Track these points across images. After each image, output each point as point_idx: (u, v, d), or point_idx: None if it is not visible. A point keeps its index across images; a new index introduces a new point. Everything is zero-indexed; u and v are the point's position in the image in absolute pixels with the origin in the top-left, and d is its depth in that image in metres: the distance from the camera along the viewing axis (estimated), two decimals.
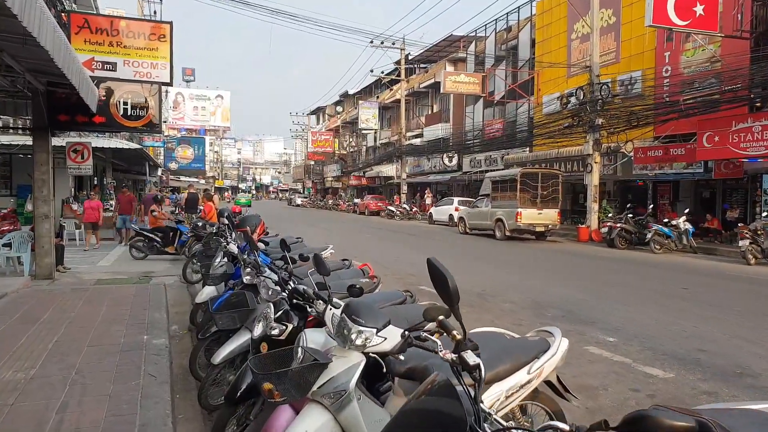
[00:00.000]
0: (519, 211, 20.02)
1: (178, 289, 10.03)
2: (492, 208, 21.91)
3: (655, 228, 16.96)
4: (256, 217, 5.84)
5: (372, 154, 53.20)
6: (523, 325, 6.98)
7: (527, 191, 20.58)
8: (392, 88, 47.40)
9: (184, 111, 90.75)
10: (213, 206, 12.52)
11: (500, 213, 21.08)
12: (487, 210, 22.24)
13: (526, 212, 20.07)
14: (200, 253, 10.49)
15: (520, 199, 20.31)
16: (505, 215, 20.72)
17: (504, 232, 20.70)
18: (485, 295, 9.08)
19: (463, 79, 29.31)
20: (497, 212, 21.32)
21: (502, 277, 11.42)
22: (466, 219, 23.85)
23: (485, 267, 13.07)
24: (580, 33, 25.73)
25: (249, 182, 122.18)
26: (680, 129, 19.46)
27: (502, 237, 20.76)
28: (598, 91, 20.37)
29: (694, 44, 19.98)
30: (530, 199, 20.49)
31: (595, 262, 14.39)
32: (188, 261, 10.47)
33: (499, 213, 21.13)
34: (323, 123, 71.70)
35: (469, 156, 34.42)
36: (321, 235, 21.33)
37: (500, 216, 21.00)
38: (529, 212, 20.14)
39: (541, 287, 10.01)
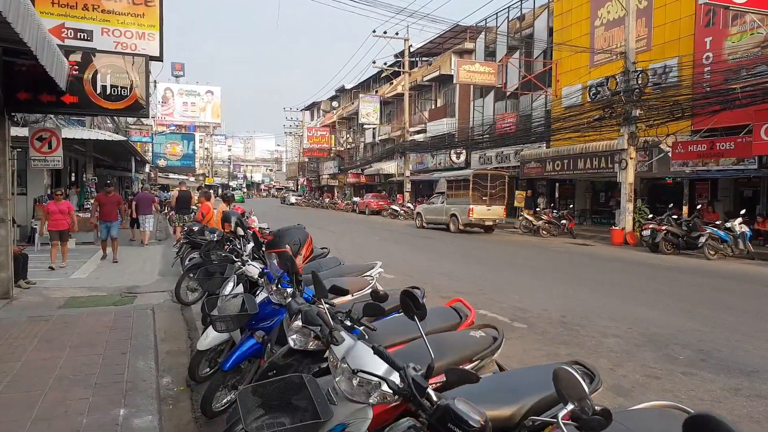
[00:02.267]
0: (471, 208, 22.50)
1: (170, 313, 7.97)
2: (447, 205, 24.27)
3: (710, 231, 15.06)
4: (300, 230, 3.76)
5: (371, 151, 51.11)
6: (662, 378, 4.99)
7: (478, 190, 23.07)
8: (392, 82, 45.36)
9: (173, 106, 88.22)
10: (211, 207, 10.42)
11: (454, 209, 23.47)
12: (443, 206, 24.56)
13: (477, 208, 22.59)
14: (197, 266, 8.46)
15: (472, 197, 22.78)
16: (458, 211, 23.15)
17: (458, 225, 23.14)
18: (570, 323, 7.06)
19: (477, 69, 27.30)
20: (452, 208, 23.67)
21: (567, 294, 9.41)
22: (423, 214, 26.14)
23: (530, 279, 11.06)
24: (605, 19, 23.81)
25: (240, 180, 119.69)
26: (724, 122, 17.60)
27: (455, 230, 23.20)
28: (634, 80, 18.43)
29: (742, 28, 18.10)
30: (480, 197, 22.95)
31: (655, 272, 12.41)
32: (183, 276, 8.39)
33: (453, 209, 23.52)
34: (318, 119, 69.49)
35: (478, 152, 32.44)
36: (329, 239, 19.24)
37: (454, 212, 23.42)
38: (479, 208, 22.65)
39: (630, 310, 7.99)
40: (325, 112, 67.10)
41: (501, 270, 12.24)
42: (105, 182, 12.65)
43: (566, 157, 23.71)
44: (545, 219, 22.11)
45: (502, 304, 8.22)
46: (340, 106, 61.68)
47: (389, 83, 46.86)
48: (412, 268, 11.95)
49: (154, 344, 6.00)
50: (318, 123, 66.36)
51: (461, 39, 38.55)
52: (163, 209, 27.07)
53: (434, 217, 25.17)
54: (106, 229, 12.52)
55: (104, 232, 12.58)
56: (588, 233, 22.31)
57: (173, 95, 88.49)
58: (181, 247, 10.69)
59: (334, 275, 5.64)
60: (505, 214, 23.93)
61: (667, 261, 14.45)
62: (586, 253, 16.11)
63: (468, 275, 11.16)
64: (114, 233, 12.50)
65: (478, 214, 22.59)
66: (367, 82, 52.20)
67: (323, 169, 63.12)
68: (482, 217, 22.70)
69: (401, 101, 43.29)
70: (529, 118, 27.92)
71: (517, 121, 29.15)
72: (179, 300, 8.32)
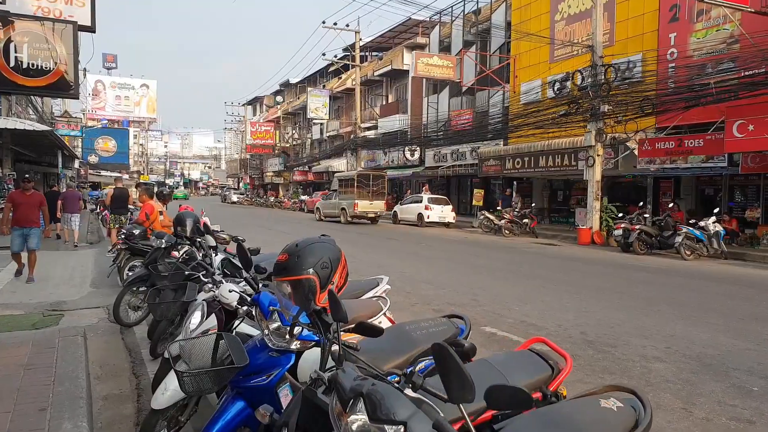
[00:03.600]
0: (356, 203, 26.30)
1: (107, 338, 6.45)
2: (338, 200, 28.31)
3: (686, 231, 14.52)
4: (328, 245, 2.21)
5: (318, 148, 49.49)
6: (755, 422, 3.95)
7: (362, 187, 26.93)
8: (341, 77, 43.96)
9: (105, 100, 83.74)
10: (155, 207, 8.83)
11: (344, 203, 27.34)
12: (336, 201, 28.60)
13: (361, 203, 26.40)
14: (141, 278, 6.93)
15: (357, 194, 26.64)
16: (347, 205, 26.92)
17: (346, 217, 26.86)
18: (597, 343, 5.97)
19: (436, 62, 26.29)
20: (342, 203, 27.61)
21: (573, 304, 8.39)
22: (321, 209, 30.15)
23: (522, 286, 10.03)
24: (566, 13, 23.29)
25: (177, 177, 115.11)
26: (689, 119, 17.23)
27: (345, 221, 26.82)
28: (602, 74, 17.83)
29: (707, 23, 17.79)
30: (365, 194, 26.80)
31: (647, 276, 11.63)
32: (124, 290, 6.83)
33: (343, 204, 27.39)
34: (261, 114, 67.15)
35: (432, 150, 31.51)
36: (280, 241, 17.77)
37: (344, 206, 27.26)
38: (363, 203, 26.47)
39: (654, 324, 6.99)
40: (268, 107, 64.87)
41: (483, 275, 11.16)
42: (23, 177, 10.45)
43: (527, 154, 23.04)
44: (507, 218, 21.33)
45: (506, 318, 7.09)
46: (284, 101, 59.70)
47: (338, 78, 45.41)
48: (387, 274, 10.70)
49: (87, 390, 4.51)
50: (261, 118, 64.03)
51: (413, 33, 37.65)
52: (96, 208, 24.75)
53: (329, 211, 29.08)
54: (22, 238, 9.54)
55: (18, 242, 9.55)
56: (549, 232, 21.70)
57: (105, 88, 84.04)
58: (118, 254, 9.06)
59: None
60: (386, 208, 28.01)
61: (645, 261, 13.80)
62: (560, 255, 15.30)
63: (452, 281, 10.01)
64: (33, 244, 9.53)
65: (362, 208, 26.42)
66: (314, 76, 50.54)
67: (267, 166, 60.89)
68: (366, 210, 26.57)
69: (350, 96, 41.94)
70: (486, 115, 27.19)
71: (474, 118, 28.39)
72: (118, 320, 6.76)
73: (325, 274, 2.23)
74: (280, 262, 2.26)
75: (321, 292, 2.22)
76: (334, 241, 2.41)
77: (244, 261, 3.17)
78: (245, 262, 3.17)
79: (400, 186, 39.98)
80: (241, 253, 3.17)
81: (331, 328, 2.30)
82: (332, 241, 2.39)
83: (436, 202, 25.79)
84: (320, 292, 2.22)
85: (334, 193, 29.94)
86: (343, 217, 27.15)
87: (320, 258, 2.24)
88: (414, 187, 35.51)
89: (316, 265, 2.22)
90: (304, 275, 2.19)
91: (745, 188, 18.56)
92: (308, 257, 2.23)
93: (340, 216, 27.36)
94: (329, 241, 2.37)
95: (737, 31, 16.59)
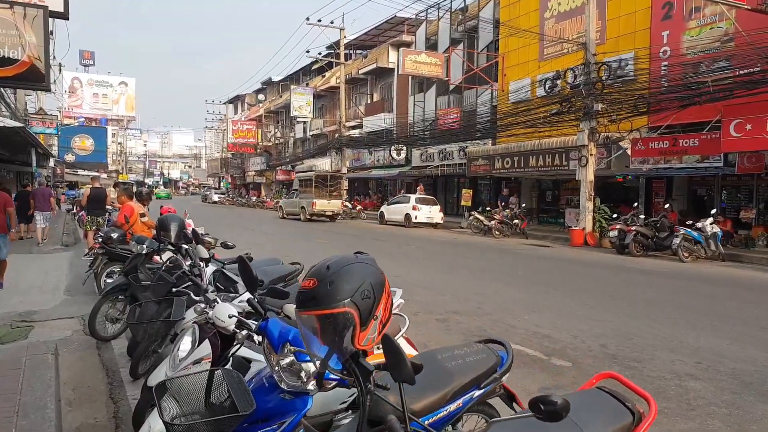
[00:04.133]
0: (314, 201, 27.84)
1: (81, 354, 5.84)
2: (299, 199, 29.83)
3: (684, 232, 14.20)
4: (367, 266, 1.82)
5: (301, 147, 48.75)
6: None
7: (321, 187, 29.08)
8: (325, 75, 43.30)
9: (82, 97, 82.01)
10: (135, 209, 8.18)
11: (303, 202, 28.76)
12: (297, 200, 30.10)
13: (319, 202, 27.91)
14: (120, 287, 6.32)
15: (315, 193, 28.74)
16: (306, 204, 28.29)
17: (306, 215, 28.05)
18: (621, 358, 5.49)
19: (424, 60, 25.76)
20: (302, 202, 29.08)
21: (584, 312, 7.94)
22: (284, 207, 31.70)
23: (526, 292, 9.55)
24: (556, 11, 22.96)
25: (157, 177, 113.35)
26: (682, 118, 16.95)
27: (304, 219, 28.01)
28: (596, 72, 17.48)
29: (701, 22, 17.54)
30: (323, 193, 28.83)
31: (650, 279, 11.25)
32: (101, 301, 6.20)
33: (303, 202, 28.81)
34: (242, 113, 66.13)
35: (419, 149, 31.03)
36: (265, 242, 17.20)
37: (303, 204, 28.63)
38: (321, 201, 27.98)
39: (677, 335, 6.51)
40: (250, 106, 63.90)
41: (481, 278, 10.69)
42: None
43: (517, 154, 22.65)
44: (497, 219, 20.92)
45: (517, 329, 6.60)
46: (266, 99, 58.82)
47: (321, 76, 44.74)
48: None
49: (56, 421, 3.91)
50: (243, 117, 63.04)
51: (399, 31, 37.13)
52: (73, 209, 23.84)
53: (291, 209, 30.48)
54: None
55: None
56: (539, 233, 21.33)
57: (82, 85, 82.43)
58: (95, 259, 8.40)
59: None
60: (342, 207, 29.46)
61: (643, 264, 13.44)
62: (555, 257, 14.90)
63: (450, 286, 9.50)
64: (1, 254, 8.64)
65: (320, 206, 27.78)
66: (297, 74, 49.76)
67: (249, 166, 59.94)
68: (324, 208, 27.91)
69: (334, 95, 41.31)
70: (474, 114, 26.77)
71: (462, 117, 27.96)
72: (94, 334, 6.14)
73: (367, 305, 1.69)
74: (306, 290, 1.71)
75: (361, 330, 1.69)
76: (374, 259, 1.87)
77: (249, 280, 2.61)
78: (249, 282, 2.61)
79: (386, 186, 39.50)
80: (245, 272, 2.61)
81: (372, 378, 1.77)
82: (372, 260, 1.85)
83: (424, 202, 25.32)
84: (360, 330, 1.68)
85: (296, 192, 31.94)
86: (302, 215, 28.40)
87: (360, 284, 1.70)
88: (402, 187, 35.02)
89: (355, 295, 1.67)
90: (339, 308, 1.65)
91: (738, 189, 18.36)
92: (344, 283, 1.68)
93: (300, 214, 28.68)
94: (368, 260, 1.83)
95: (732, 29, 16.34)
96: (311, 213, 27.71)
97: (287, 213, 30.85)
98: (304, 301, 1.72)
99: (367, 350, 1.75)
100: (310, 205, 27.83)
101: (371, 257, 1.87)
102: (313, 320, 1.73)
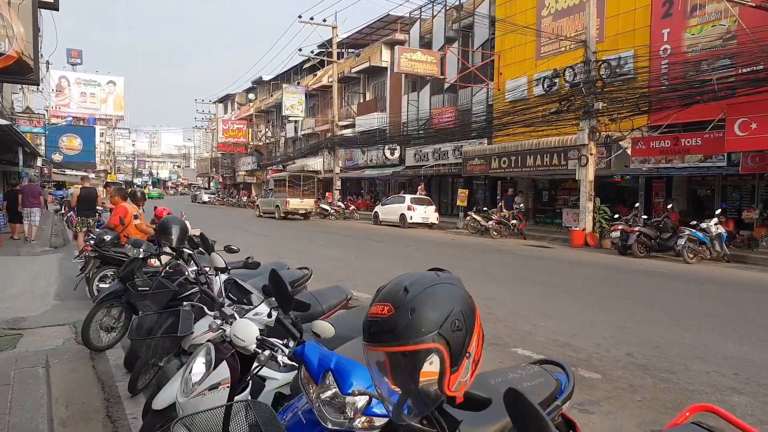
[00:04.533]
0: (288, 200, 29.29)
1: (75, 366, 5.44)
2: (274, 198, 31.19)
3: (688, 233, 13.96)
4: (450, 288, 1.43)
5: (293, 147, 48.26)
6: None
7: (293, 187, 31.13)
8: (317, 73, 42.85)
9: (69, 96, 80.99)
10: (129, 210, 7.75)
11: (278, 201, 30.02)
12: (272, 199, 31.28)
13: (292, 201, 29.41)
14: (115, 294, 5.91)
15: (288, 193, 30.44)
16: (280, 203, 29.63)
17: (280, 213, 29.43)
18: (652, 368, 5.15)
19: (419, 57, 25.42)
20: (276, 201, 30.36)
21: (603, 318, 7.63)
22: (261, 206, 32.94)
23: (537, 296, 9.24)
24: (554, 8, 22.71)
25: (145, 177, 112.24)
26: (683, 117, 16.74)
27: (279, 217, 29.33)
28: (596, 70, 17.24)
29: (702, 19, 17.34)
30: (296, 193, 30.63)
31: (654, 281, 10.99)
32: (95, 308, 5.79)
33: (277, 201, 30.14)
34: (232, 112, 65.48)
35: (413, 148, 30.69)
36: (260, 243, 16.79)
37: (278, 203, 29.91)
38: (294, 201, 29.52)
39: (705, 342, 6.19)
40: (240, 105, 63.26)
41: (487, 282, 10.36)
42: None
43: (514, 153, 22.37)
44: (495, 219, 20.63)
45: (536, 336, 6.27)
46: (257, 98, 58.25)
47: (313, 75, 44.28)
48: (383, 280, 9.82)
49: None
50: (233, 116, 62.39)
51: (392, 30, 36.77)
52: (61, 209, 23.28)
53: (266, 208, 31.62)
54: None
55: None
56: (537, 233, 21.07)
57: (69, 84, 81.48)
58: (87, 262, 7.98)
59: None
60: (315, 206, 30.84)
61: (649, 265, 13.18)
62: (558, 258, 14.61)
63: None
64: None
65: (293, 205, 29.22)
66: (288, 73, 49.26)
67: (240, 165, 59.31)
68: (297, 207, 29.36)
69: (326, 94, 40.93)
70: (469, 113, 26.47)
71: (457, 116, 27.65)
72: (88, 344, 5.73)
73: (458, 340, 1.32)
74: (379, 320, 1.34)
75: (452, 372, 1.33)
76: (459, 279, 1.51)
77: (282, 297, 2.24)
78: (283, 299, 2.24)
79: (377, 186, 39.14)
80: (278, 286, 2.24)
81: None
82: (457, 279, 1.49)
83: (419, 202, 24.99)
84: (450, 372, 1.32)
85: (271, 192, 33.58)
86: (277, 213, 29.83)
87: (448, 312, 1.33)
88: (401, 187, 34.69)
89: (444, 326, 1.31)
90: (425, 343, 1.28)
91: (739, 189, 18.18)
92: (429, 311, 1.31)
93: (275, 212, 30.04)
94: (453, 280, 1.47)
95: (734, 27, 16.15)
96: (285, 211, 29.00)
97: (263, 212, 31.98)
98: (377, 334, 1.35)
99: (457, 397, 1.39)
100: (284, 204, 29.15)
101: (455, 276, 1.51)
102: (382, 356, 1.37)
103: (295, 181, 31.45)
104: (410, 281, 1.41)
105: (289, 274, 5.50)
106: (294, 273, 5.57)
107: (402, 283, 1.41)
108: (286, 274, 5.58)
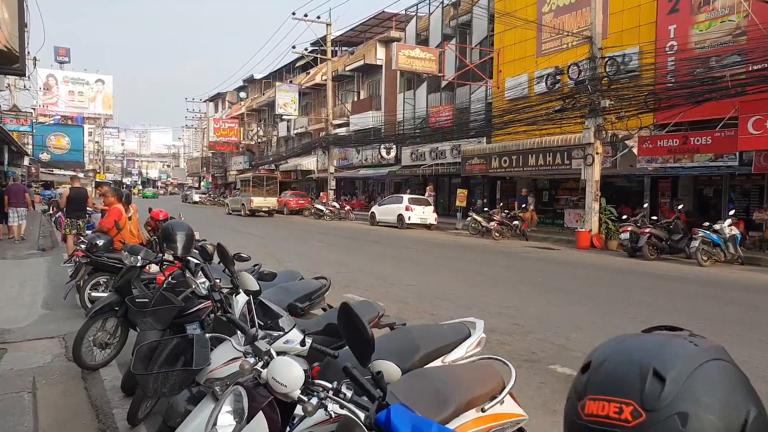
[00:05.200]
0: (252, 199, 32.01)
1: (65, 388, 4.86)
2: (240, 197, 34.20)
3: (702, 234, 13.53)
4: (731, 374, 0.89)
5: (285, 146, 47.59)
6: None
7: (258, 187, 33.73)
8: (309, 72, 42.25)
9: (57, 95, 79.70)
10: (123, 213, 7.15)
11: (243, 200, 32.97)
12: (239, 198, 34.28)
13: (256, 199, 32.07)
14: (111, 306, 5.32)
15: (252, 192, 33.20)
16: (245, 201, 32.39)
17: (245, 211, 31.92)
18: None
19: (418, 55, 24.89)
20: (242, 200, 33.27)
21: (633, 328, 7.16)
22: (229, 204, 36.23)
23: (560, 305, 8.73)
24: (555, 5, 22.26)
25: (135, 176, 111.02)
26: (690, 116, 16.35)
27: (245, 215, 31.59)
28: (602, 67, 16.79)
29: (710, 15, 16.94)
30: (260, 192, 33.17)
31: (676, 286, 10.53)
32: (87, 324, 5.19)
33: (243, 200, 33.03)
34: (223, 111, 64.67)
35: (409, 148, 30.16)
36: (256, 246, 16.19)
37: (243, 202, 32.77)
38: (258, 199, 32.13)
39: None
40: (231, 104, 62.50)
41: (502, 287, 9.86)
42: None
43: (515, 152, 21.90)
44: (497, 220, 20.15)
45: (572, 351, 5.75)
46: (248, 97, 57.51)
47: (306, 73, 43.68)
48: (389, 284, 9.28)
49: None
50: (224, 115, 61.59)
51: (386, 27, 36.25)
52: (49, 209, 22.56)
53: (234, 206, 34.49)
54: None
55: None
56: (539, 234, 20.59)
57: (57, 83, 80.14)
58: (77, 268, 7.36)
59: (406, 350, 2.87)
60: (278, 204, 33.12)
61: (662, 269, 12.73)
62: (567, 261, 14.14)
63: (473, 297, 8.64)
64: None
65: (257, 204, 31.75)
66: (280, 71, 48.61)
67: (231, 165, 58.54)
68: (261, 205, 31.86)
69: (319, 92, 40.34)
70: (467, 112, 25.99)
71: (455, 115, 27.16)
72: (80, 362, 5.13)
73: None
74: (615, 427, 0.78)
75: None
76: (724, 348, 0.93)
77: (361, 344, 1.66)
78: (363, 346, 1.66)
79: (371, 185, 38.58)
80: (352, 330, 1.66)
81: None
82: (722, 350, 0.92)
83: (417, 202, 24.48)
84: None
85: (238, 191, 36.56)
86: (243, 210, 32.32)
87: (743, 415, 0.78)
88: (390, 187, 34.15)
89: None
90: None
91: (747, 189, 17.81)
92: (709, 417, 0.75)
93: (241, 210, 32.52)
94: (720, 352, 0.91)
95: (744, 23, 15.77)
96: (250, 209, 31.61)
97: (232, 209, 34.85)
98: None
99: None
100: (248, 203, 31.84)
101: (717, 344, 0.95)
102: None
103: (258, 181, 34.26)
104: (659, 358, 0.84)
105: (305, 286, 4.95)
106: (310, 283, 5.02)
107: (643, 361, 0.85)
108: (302, 284, 5.02)
